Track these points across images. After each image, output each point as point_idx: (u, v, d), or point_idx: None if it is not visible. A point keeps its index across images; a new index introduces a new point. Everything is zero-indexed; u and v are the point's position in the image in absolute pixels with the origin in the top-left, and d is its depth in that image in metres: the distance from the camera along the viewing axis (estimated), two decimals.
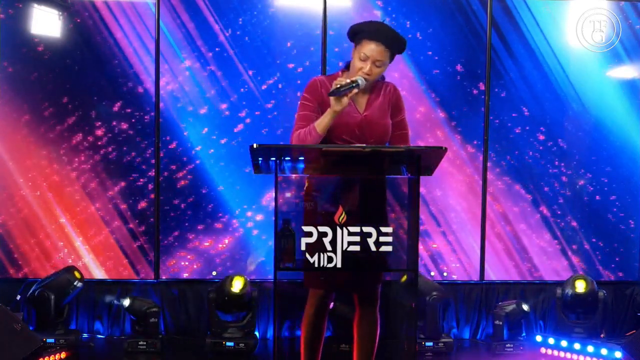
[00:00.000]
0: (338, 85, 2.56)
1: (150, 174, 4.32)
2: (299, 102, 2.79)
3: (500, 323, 4.09)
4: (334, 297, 2.89)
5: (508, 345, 4.05)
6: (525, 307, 4.12)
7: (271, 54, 4.33)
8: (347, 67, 2.81)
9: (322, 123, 2.64)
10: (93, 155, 4.30)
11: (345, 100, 2.57)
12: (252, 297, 4.06)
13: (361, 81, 2.62)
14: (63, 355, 3.76)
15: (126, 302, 4.05)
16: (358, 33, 2.73)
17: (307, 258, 2.44)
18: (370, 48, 2.67)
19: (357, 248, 2.44)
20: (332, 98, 2.57)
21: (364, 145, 2.65)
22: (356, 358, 2.84)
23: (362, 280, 2.75)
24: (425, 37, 4.38)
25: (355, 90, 2.60)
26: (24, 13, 4.23)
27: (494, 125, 4.43)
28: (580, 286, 4.07)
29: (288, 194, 2.56)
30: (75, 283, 3.96)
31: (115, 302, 4.27)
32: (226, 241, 4.36)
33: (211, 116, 4.33)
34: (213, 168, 4.34)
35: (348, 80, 2.59)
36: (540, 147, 4.46)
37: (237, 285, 3.95)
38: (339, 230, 2.44)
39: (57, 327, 3.98)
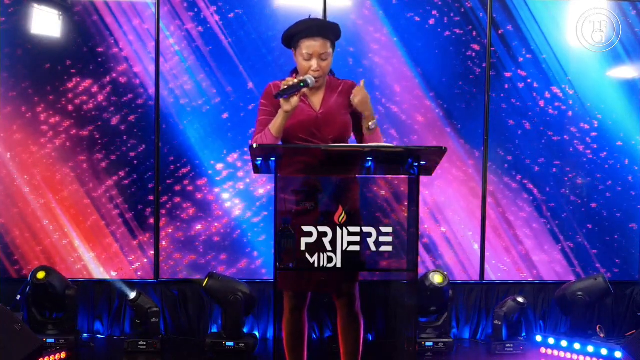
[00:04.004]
0: (285, 87, 2.56)
1: (150, 173, 4.32)
2: (257, 109, 2.80)
3: (500, 323, 4.09)
4: (310, 296, 2.86)
5: (508, 345, 4.05)
6: (520, 299, 4.10)
7: (271, 54, 4.34)
8: (294, 71, 2.82)
9: (275, 125, 2.65)
10: (93, 155, 4.30)
11: (294, 100, 2.57)
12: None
13: (310, 80, 2.62)
14: (63, 355, 3.77)
15: (132, 295, 4.04)
16: (293, 37, 2.74)
17: (307, 258, 2.44)
18: (310, 45, 2.69)
19: (357, 248, 2.44)
20: (281, 99, 2.57)
21: (364, 145, 2.65)
22: (343, 358, 2.85)
23: (337, 279, 2.73)
24: (425, 36, 4.38)
25: (304, 90, 2.61)
26: (24, 13, 4.23)
27: (494, 125, 4.43)
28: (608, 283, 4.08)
29: (289, 194, 2.56)
30: (31, 280, 3.94)
31: (119, 289, 4.26)
32: (227, 242, 4.36)
33: (211, 115, 4.33)
34: (213, 167, 4.34)
35: (296, 81, 2.59)
36: (540, 147, 4.46)
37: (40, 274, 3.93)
38: (338, 230, 2.44)
39: (48, 326, 3.99)
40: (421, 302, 4.03)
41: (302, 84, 2.58)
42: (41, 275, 3.94)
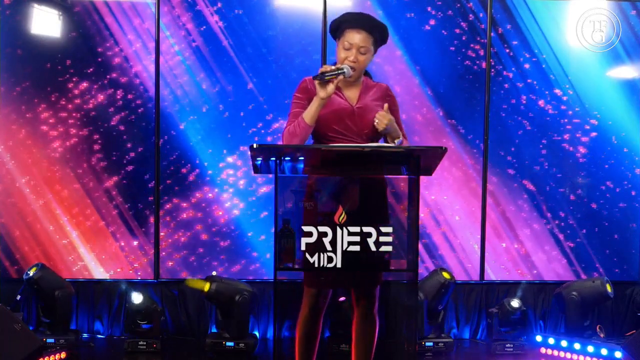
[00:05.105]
0: (323, 71, 2.58)
1: (150, 173, 4.32)
2: (291, 102, 2.80)
3: (490, 321, 4.15)
4: (330, 295, 2.87)
5: (508, 345, 4.05)
6: (515, 303, 4.10)
7: (271, 54, 4.34)
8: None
9: (309, 112, 2.64)
10: (93, 155, 4.30)
11: (330, 87, 2.58)
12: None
13: (347, 69, 2.62)
14: (63, 355, 3.76)
15: (139, 298, 4.03)
16: (339, 25, 2.75)
17: (307, 258, 2.43)
18: (352, 36, 2.69)
19: (357, 248, 2.44)
20: (317, 85, 2.58)
21: (364, 145, 2.65)
22: (354, 359, 2.84)
23: (360, 279, 2.73)
24: (425, 36, 4.38)
25: (341, 77, 2.60)
26: (24, 13, 4.23)
27: (494, 125, 4.43)
28: (610, 288, 4.05)
29: (288, 195, 2.56)
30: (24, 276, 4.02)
31: (123, 288, 4.24)
32: (227, 242, 4.36)
33: (211, 115, 4.33)
34: (213, 167, 4.34)
35: (333, 67, 2.61)
36: (540, 147, 4.46)
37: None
38: (339, 230, 2.44)
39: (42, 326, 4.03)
40: (434, 301, 4.06)
41: (339, 71, 2.59)
42: (32, 270, 3.97)
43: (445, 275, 4.05)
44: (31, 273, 3.96)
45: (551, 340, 4.02)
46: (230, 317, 3.97)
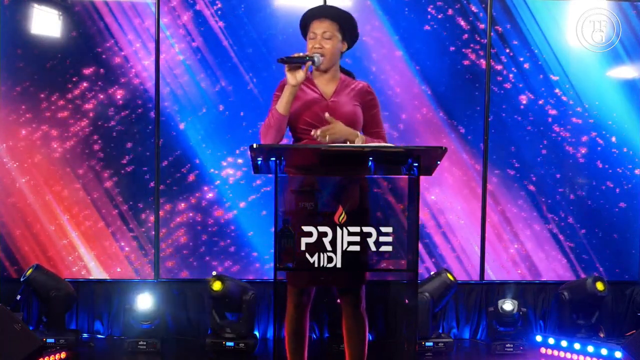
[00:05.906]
0: (292, 56, 2.61)
1: (150, 173, 4.32)
2: (271, 101, 2.82)
3: (489, 320, 4.19)
4: (313, 294, 2.87)
5: (508, 345, 4.05)
6: (507, 305, 4.10)
7: (271, 54, 4.34)
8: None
9: (281, 102, 2.67)
10: (93, 155, 4.30)
11: (300, 74, 2.61)
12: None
13: (317, 58, 2.67)
14: (63, 355, 3.77)
15: (149, 302, 4.03)
16: (305, 21, 2.80)
17: (307, 258, 2.43)
18: (316, 25, 2.74)
19: (357, 248, 2.44)
20: (286, 72, 2.61)
21: (364, 145, 2.65)
22: (348, 358, 2.84)
23: (345, 279, 2.74)
24: (425, 36, 4.38)
25: (309, 64, 2.64)
26: (24, 13, 4.24)
27: (494, 125, 4.43)
28: (601, 286, 4.05)
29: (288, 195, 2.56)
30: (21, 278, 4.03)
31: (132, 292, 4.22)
32: (227, 242, 4.36)
33: (211, 115, 4.33)
34: (213, 167, 4.34)
35: (302, 54, 2.64)
36: (540, 147, 4.46)
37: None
38: (338, 230, 2.44)
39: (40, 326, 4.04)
40: (438, 302, 4.08)
41: (307, 58, 2.63)
42: (29, 271, 3.99)
43: (450, 276, 4.08)
44: (27, 274, 3.96)
45: (551, 340, 4.02)
46: (237, 315, 3.98)
